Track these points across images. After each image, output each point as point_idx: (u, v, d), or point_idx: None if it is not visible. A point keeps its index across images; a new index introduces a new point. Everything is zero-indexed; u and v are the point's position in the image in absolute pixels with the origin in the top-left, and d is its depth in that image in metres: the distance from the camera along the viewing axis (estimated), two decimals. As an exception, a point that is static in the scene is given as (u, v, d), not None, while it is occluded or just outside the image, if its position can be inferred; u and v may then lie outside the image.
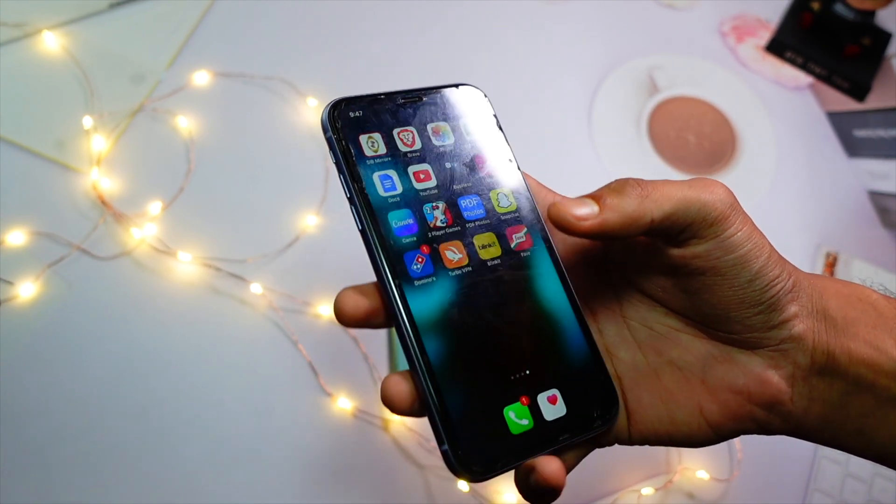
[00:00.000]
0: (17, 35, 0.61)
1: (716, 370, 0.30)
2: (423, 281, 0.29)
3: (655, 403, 0.30)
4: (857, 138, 0.72)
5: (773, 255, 0.29)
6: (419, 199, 0.30)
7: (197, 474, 0.50)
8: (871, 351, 0.29)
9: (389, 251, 0.29)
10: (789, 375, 0.29)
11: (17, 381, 0.50)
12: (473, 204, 0.31)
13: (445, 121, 0.31)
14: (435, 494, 0.51)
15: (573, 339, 0.30)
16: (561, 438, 0.29)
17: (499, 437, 0.28)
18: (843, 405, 0.29)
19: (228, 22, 0.66)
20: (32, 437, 0.49)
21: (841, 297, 0.30)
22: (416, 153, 0.30)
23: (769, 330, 0.29)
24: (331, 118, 0.29)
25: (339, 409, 0.53)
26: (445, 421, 0.27)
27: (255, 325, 0.54)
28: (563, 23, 0.73)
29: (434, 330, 0.28)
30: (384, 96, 0.30)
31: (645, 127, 0.69)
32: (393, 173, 0.30)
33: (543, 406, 0.29)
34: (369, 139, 0.30)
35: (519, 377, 0.29)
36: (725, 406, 0.30)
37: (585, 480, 0.53)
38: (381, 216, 0.29)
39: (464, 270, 0.30)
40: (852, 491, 0.54)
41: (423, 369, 0.28)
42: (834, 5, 0.73)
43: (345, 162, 0.29)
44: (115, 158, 0.58)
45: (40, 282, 0.53)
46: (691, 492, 0.54)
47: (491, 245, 0.30)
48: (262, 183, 0.60)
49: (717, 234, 0.28)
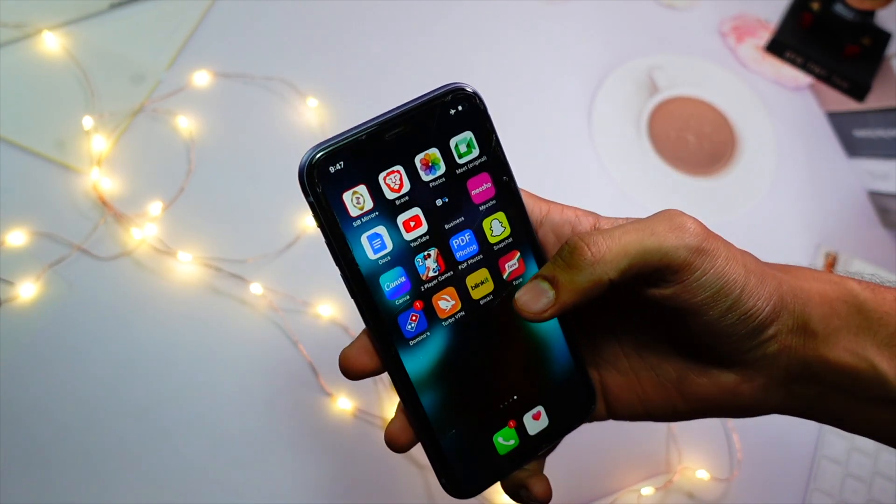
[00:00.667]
0: (17, 35, 0.61)
1: (690, 381, 0.31)
2: (418, 339, 0.29)
3: (633, 401, 0.32)
4: (857, 138, 0.72)
5: (749, 286, 0.28)
6: (410, 252, 0.28)
7: (197, 474, 0.50)
8: (850, 358, 0.29)
9: (383, 317, 0.28)
10: (763, 386, 0.30)
11: (17, 382, 0.50)
12: (466, 241, 0.29)
13: (435, 146, 0.28)
14: (435, 494, 0.51)
15: (558, 354, 0.31)
16: (542, 446, 0.31)
17: (488, 460, 0.30)
18: (820, 403, 0.30)
19: (228, 22, 0.66)
20: (33, 437, 0.49)
21: (825, 305, 0.29)
22: (405, 198, 0.28)
23: (742, 353, 0.29)
24: (310, 179, 0.27)
25: (339, 409, 0.53)
26: (440, 460, 0.30)
27: (256, 326, 0.54)
28: (563, 23, 0.73)
29: (429, 383, 0.29)
30: (366, 136, 0.27)
31: (645, 127, 0.69)
32: (382, 230, 0.28)
33: (528, 424, 0.31)
34: (354, 196, 0.27)
35: (507, 404, 0.31)
36: (698, 409, 0.31)
37: (585, 480, 0.53)
38: (372, 282, 0.28)
39: (457, 317, 0.29)
40: (852, 491, 0.54)
41: (420, 420, 0.29)
42: (834, 5, 0.73)
43: (330, 230, 0.27)
44: (115, 159, 0.58)
45: (41, 282, 0.53)
46: (691, 491, 0.54)
47: (484, 282, 0.30)
48: (263, 183, 0.60)
49: (682, 279, 0.27)
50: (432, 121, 0.28)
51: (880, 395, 0.29)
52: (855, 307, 0.29)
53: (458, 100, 0.28)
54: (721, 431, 0.56)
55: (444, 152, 0.28)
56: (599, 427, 0.55)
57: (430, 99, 0.28)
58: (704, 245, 0.27)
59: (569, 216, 0.31)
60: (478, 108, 0.29)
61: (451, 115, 0.28)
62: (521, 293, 0.28)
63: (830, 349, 0.29)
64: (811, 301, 0.29)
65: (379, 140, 0.27)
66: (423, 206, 0.28)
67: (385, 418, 0.53)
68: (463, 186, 0.29)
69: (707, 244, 0.28)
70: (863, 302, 0.29)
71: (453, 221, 0.29)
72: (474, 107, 0.29)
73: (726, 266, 0.28)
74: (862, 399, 0.29)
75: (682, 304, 0.28)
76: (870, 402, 0.29)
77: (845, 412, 0.30)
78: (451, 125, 0.28)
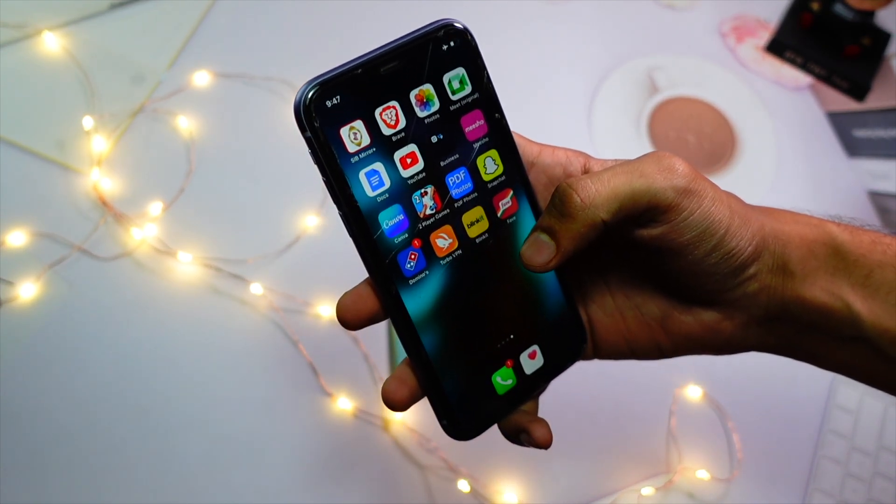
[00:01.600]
0: (17, 36, 0.62)
1: (674, 319, 0.32)
2: (417, 278, 0.29)
3: (618, 340, 0.33)
4: (857, 138, 0.72)
5: (733, 226, 0.29)
6: (408, 189, 0.28)
7: (197, 474, 0.50)
8: (826, 297, 0.30)
9: (382, 255, 0.28)
10: (743, 323, 0.31)
11: (17, 382, 0.50)
12: (461, 179, 0.29)
13: (430, 82, 0.28)
14: (435, 494, 0.51)
15: (551, 293, 0.32)
16: (539, 386, 0.32)
17: (487, 400, 0.31)
18: (796, 339, 0.31)
19: (229, 22, 0.66)
20: (33, 437, 0.49)
21: (804, 247, 0.30)
22: (401, 133, 0.28)
23: (724, 292, 0.30)
24: (307, 114, 0.26)
25: (339, 409, 0.53)
26: (443, 401, 0.30)
27: (256, 326, 0.54)
28: (563, 23, 0.73)
29: (429, 322, 0.29)
30: (362, 70, 0.27)
31: (645, 127, 0.69)
32: (379, 166, 0.28)
33: (525, 363, 0.32)
34: (351, 131, 0.27)
35: (504, 343, 0.31)
36: (681, 347, 0.32)
37: (585, 480, 0.53)
38: (372, 219, 0.28)
39: (454, 255, 0.30)
40: (852, 490, 0.54)
41: (422, 360, 0.29)
42: (834, 5, 0.73)
43: (328, 166, 0.27)
44: (115, 159, 0.59)
45: (41, 282, 0.53)
46: (691, 491, 0.54)
47: (479, 220, 0.30)
48: (263, 183, 0.60)
49: (670, 219, 0.28)
50: (426, 56, 0.28)
51: (853, 333, 0.30)
52: (833, 248, 0.30)
53: (450, 35, 0.28)
54: (721, 431, 0.56)
55: (437, 88, 0.28)
56: (599, 427, 0.55)
57: (423, 34, 0.28)
58: (692, 186, 0.28)
59: (560, 158, 0.31)
60: (469, 44, 0.29)
61: (443, 51, 0.28)
62: (525, 248, 0.29)
63: (807, 289, 0.30)
64: (791, 243, 0.30)
65: (375, 74, 0.27)
66: (419, 143, 0.28)
67: (385, 418, 0.53)
68: (457, 123, 0.29)
69: (694, 185, 0.28)
70: (840, 244, 0.30)
71: (448, 158, 0.29)
72: (466, 43, 0.28)
73: (712, 206, 0.29)
74: (836, 337, 0.30)
75: (670, 244, 0.29)
76: (844, 340, 0.30)
77: (820, 350, 0.31)
78: (444, 61, 0.28)
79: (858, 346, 0.30)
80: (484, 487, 0.51)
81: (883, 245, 0.30)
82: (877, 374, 0.31)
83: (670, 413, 0.56)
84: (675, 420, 0.56)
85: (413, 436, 0.52)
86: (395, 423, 0.53)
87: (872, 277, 0.29)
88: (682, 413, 0.56)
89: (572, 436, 0.55)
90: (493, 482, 0.52)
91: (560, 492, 0.53)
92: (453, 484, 0.51)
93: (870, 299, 0.29)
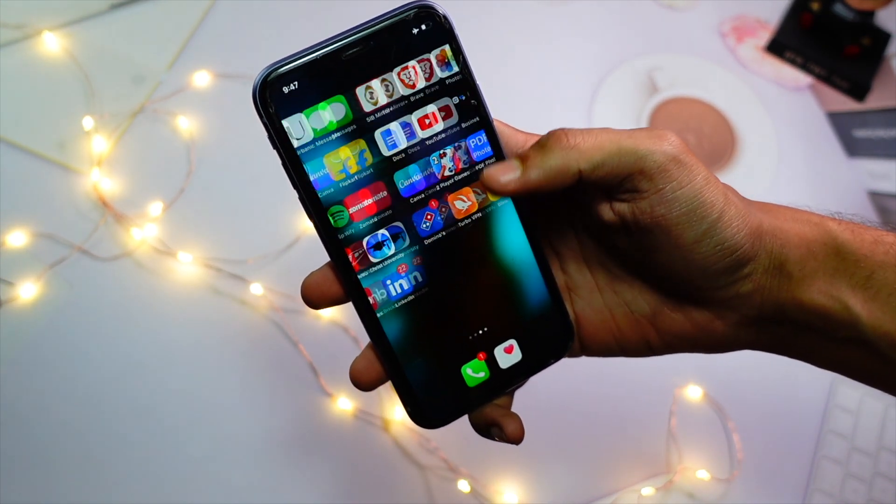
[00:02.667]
0: (17, 36, 0.62)
1: (664, 317, 0.31)
2: (379, 265, 0.29)
3: (607, 338, 0.32)
4: (857, 138, 0.72)
5: (728, 214, 0.28)
6: (371, 176, 0.28)
7: (197, 474, 0.50)
8: (824, 299, 0.28)
9: (341, 243, 0.28)
10: (735, 323, 0.30)
11: (18, 382, 0.50)
12: (430, 166, 0.28)
13: (397, 66, 0.27)
14: (435, 494, 0.51)
15: (533, 287, 0.30)
16: (515, 381, 0.31)
17: (456, 391, 0.30)
18: (791, 339, 0.30)
19: (229, 23, 0.66)
20: (33, 437, 0.49)
21: (803, 247, 0.29)
22: (366, 119, 0.27)
23: (717, 290, 0.29)
24: (262, 99, 0.26)
25: (339, 409, 0.53)
26: (405, 388, 0.29)
27: (256, 326, 0.54)
28: (563, 23, 0.73)
29: (392, 309, 0.29)
30: (322, 55, 0.26)
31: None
32: (340, 153, 0.27)
33: (500, 357, 0.30)
34: (308, 117, 0.26)
35: (477, 335, 0.30)
36: (671, 345, 0.31)
37: (585, 480, 0.53)
38: (330, 206, 0.27)
39: (421, 244, 0.29)
40: (852, 491, 0.54)
41: (383, 347, 0.29)
42: (834, 5, 0.73)
43: (285, 152, 0.26)
44: (115, 159, 0.59)
45: (41, 283, 0.53)
46: (691, 492, 0.54)
47: (447, 208, 0.29)
48: (263, 183, 0.60)
49: (657, 188, 0.27)
50: (393, 41, 0.27)
51: (851, 335, 0.29)
52: (833, 249, 0.29)
53: (421, 18, 0.27)
54: (721, 432, 0.56)
55: (404, 73, 0.27)
56: (600, 427, 0.55)
57: (390, 16, 0.27)
58: (683, 157, 0.27)
59: None
60: (442, 26, 0.27)
61: (413, 35, 0.27)
62: (491, 167, 0.28)
63: (804, 291, 0.29)
64: (789, 242, 0.29)
65: (336, 60, 0.26)
66: (385, 130, 0.27)
67: (385, 418, 0.53)
68: (428, 109, 0.28)
69: (686, 157, 0.27)
70: (841, 244, 0.29)
71: (415, 146, 0.28)
72: (438, 25, 0.27)
73: (705, 186, 0.27)
74: (833, 339, 0.29)
75: (657, 220, 0.28)
76: (840, 341, 0.29)
77: (815, 349, 0.30)
78: (415, 45, 0.27)
79: (856, 347, 0.29)
80: (484, 487, 0.51)
81: (885, 245, 0.29)
82: (875, 374, 0.30)
83: (670, 413, 0.56)
84: (676, 420, 0.56)
85: (413, 436, 0.52)
86: (396, 424, 0.53)
87: (874, 279, 0.28)
88: (682, 413, 0.56)
89: (572, 436, 0.55)
90: (493, 482, 0.52)
91: (560, 492, 0.53)
92: (453, 484, 0.51)
93: (870, 302, 0.28)
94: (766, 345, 0.31)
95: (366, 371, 0.30)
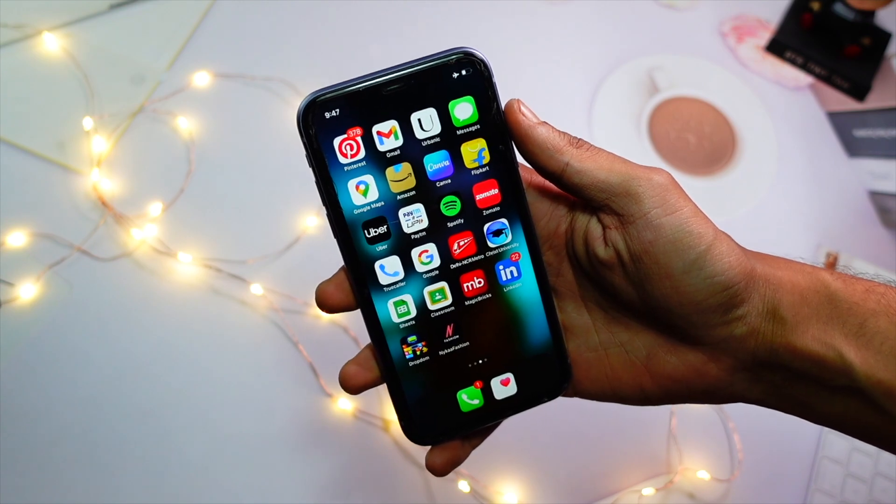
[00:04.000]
0: (17, 36, 0.62)
1: (659, 359, 0.31)
2: (393, 287, 0.30)
3: (601, 379, 0.32)
4: (857, 138, 0.72)
5: (718, 248, 0.28)
6: (396, 204, 0.29)
7: (198, 475, 0.50)
8: (818, 346, 0.29)
9: (360, 261, 0.30)
10: (729, 368, 0.30)
11: (18, 382, 0.50)
12: (453, 203, 0.30)
13: (433, 106, 0.29)
14: (435, 494, 0.51)
15: (536, 327, 0.32)
16: (506, 413, 0.32)
17: (449, 414, 0.31)
18: (786, 388, 0.30)
19: (228, 23, 0.66)
20: (33, 437, 0.49)
21: (796, 294, 0.29)
22: (397, 151, 0.29)
23: (711, 329, 0.29)
24: (305, 122, 0.28)
25: (339, 409, 0.53)
26: (402, 403, 0.31)
27: (256, 326, 0.54)
28: (563, 23, 0.73)
29: (398, 329, 0.31)
30: (365, 88, 0.28)
31: (645, 127, 0.69)
32: (369, 179, 0.29)
33: (496, 388, 0.32)
34: (345, 143, 0.29)
35: (477, 364, 0.32)
36: (665, 389, 0.31)
37: (586, 481, 0.53)
38: (354, 227, 0.29)
39: (434, 273, 0.30)
40: (853, 491, 0.54)
41: (386, 361, 0.31)
42: (834, 5, 0.73)
43: (319, 172, 0.29)
44: (115, 159, 0.59)
45: (41, 283, 0.53)
46: (692, 492, 0.54)
47: (467, 244, 0.31)
48: (263, 184, 0.60)
49: (643, 211, 0.28)
50: (433, 81, 0.29)
51: (845, 383, 0.29)
52: (826, 297, 0.29)
53: (462, 64, 0.29)
54: (722, 432, 0.56)
55: (441, 113, 0.29)
56: (600, 427, 0.55)
57: (434, 59, 0.29)
58: (671, 188, 0.29)
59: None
60: (482, 74, 0.29)
61: (453, 78, 0.29)
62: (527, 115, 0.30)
63: (798, 337, 0.29)
64: (782, 288, 0.29)
65: (376, 94, 0.28)
66: (414, 163, 0.29)
67: (385, 419, 0.53)
68: (457, 150, 0.30)
69: (675, 189, 0.29)
70: (834, 292, 0.29)
71: (443, 182, 0.30)
72: (478, 73, 0.29)
73: (692, 217, 0.28)
74: (828, 387, 0.29)
75: (645, 247, 0.28)
76: (834, 390, 0.29)
77: (811, 399, 0.30)
78: (453, 87, 0.29)
79: (851, 397, 0.29)
80: (484, 488, 0.51)
81: (877, 294, 0.29)
82: (871, 427, 0.30)
83: (671, 413, 0.56)
84: (676, 420, 0.56)
85: (413, 436, 0.52)
86: (396, 424, 0.52)
87: (866, 326, 0.28)
88: (682, 413, 0.56)
89: (572, 436, 0.55)
90: (493, 482, 0.52)
91: (560, 492, 0.53)
92: (453, 484, 0.51)
93: (863, 349, 0.28)
94: (761, 395, 0.31)
95: (357, 375, 0.31)
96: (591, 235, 0.31)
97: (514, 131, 0.30)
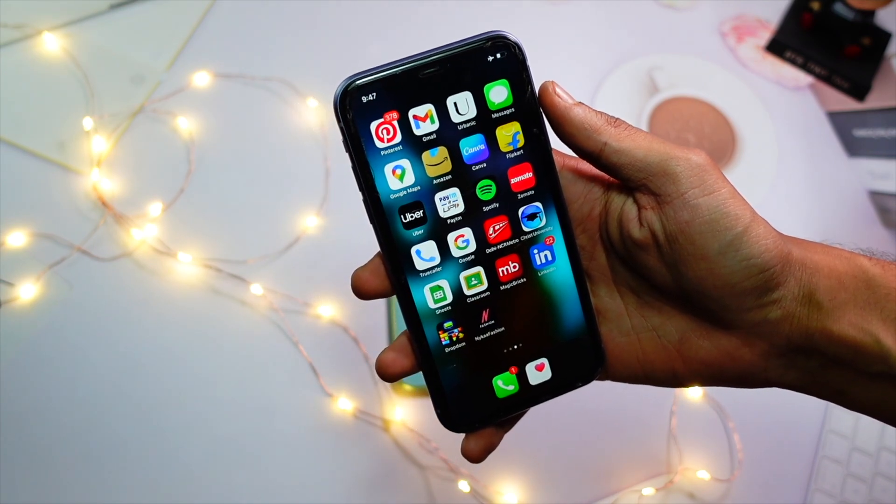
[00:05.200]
0: (17, 36, 0.62)
1: (692, 343, 0.31)
2: (429, 272, 0.30)
3: (633, 363, 0.32)
4: (857, 138, 0.72)
5: (755, 230, 0.28)
6: (432, 189, 0.29)
7: (198, 474, 0.50)
8: (855, 332, 0.28)
9: (397, 247, 0.29)
10: (763, 353, 0.30)
11: (18, 382, 0.50)
12: (489, 186, 0.30)
13: (469, 90, 0.29)
14: (435, 494, 0.51)
15: (571, 312, 0.32)
16: (541, 398, 0.32)
17: (485, 400, 0.31)
18: (822, 374, 0.30)
19: (228, 23, 0.66)
20: (33, 437, 0.49)
21: (833, 278, 0.29)
22: (433, 135, 0.29)
23: (745, 312, 0.29)
24: (342, 106, 0.28)
25: (339, 409, 0.53)
26: (439, 391, 0.31)
27: (256, 326, 0.54)
28: (563, 23, 0.73)
29: (435, 315, 0.30)
30: (401, 71, 0.28)
31: (645, 127, 0.69)
32: (406, 163, 0.29)
33: (531, 373, 0.32)
34: (382, 126, 0.28)
35: (511, 350, 0.31)
36: (698, 374, 0.31)
37: (586, 480, 0.53)
38: (391, 212, 0.29)
39: (470, 258, 0.30)
40: (853, 491, 0.54)
41: (423, 349, 0.30)
42: (834, 5, 0.73)
43: (356, 156, 0.28)
44: (115, 159, 0.59)
45: (41, 283, 0.53)
46: (692, 492, 0.54)
47: (501, 228, 0.30)
48: (263, 184, 0.60)
49: (680, 192, 0.28)
50: (469, 64, 0.29)
51: (882, 369, 0.28)
52: (864, 282, 0.29)
53: (497, 47, 0.29)
54: (722, 432, 0.56)
55: (476, 96, 0.29)
56: (600, 427, 0.55)
57: (469, 43, 0.29)
58: (709, 168, 0.28)
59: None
60: (516, 57, 0.29)
61: (488, 62, 0.29)
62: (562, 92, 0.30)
63: (834, 322, 0.28)
64: (819, 272, 0.29)
65: (413, 77, 0.28)
66: (450, 147, 0.29)
67: (385, 419, 0.53)
68: (492, 133, 0.29)
69: (712, 170, 0.28)
70: (872, 277, 0.29)
71: (478, 165, 0.30)
72: (513, 56, 0.29)
73: (730, 198, 0.28)
74: (863, 373, 0.29)
75: (681, 227, 0.28)
76: (871, 376, 0.29)
77: (846, 385, 0.30)
78: (488, 71, 0.29)
79: (889, 383, 0.29)
80: (484, 488, 0.51)
81: None
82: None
83: (671, 413, 0.56)
84: (676, 420, 0.56)
85: (413, 436, 0.52)
86: (396, 424, 0.52)
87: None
88: (682, 413, 0.56)
89: (573, 436, 0.55)
90: (493, 482, 0.52)
91: (560, 492, 0.53)
92: (453, 484, 0.51)
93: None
94: (795, 380, 0.30)
95: (395, 362, 0.31)
96: (625, 216, 0.30)
97: (550, 113, 0.30)
